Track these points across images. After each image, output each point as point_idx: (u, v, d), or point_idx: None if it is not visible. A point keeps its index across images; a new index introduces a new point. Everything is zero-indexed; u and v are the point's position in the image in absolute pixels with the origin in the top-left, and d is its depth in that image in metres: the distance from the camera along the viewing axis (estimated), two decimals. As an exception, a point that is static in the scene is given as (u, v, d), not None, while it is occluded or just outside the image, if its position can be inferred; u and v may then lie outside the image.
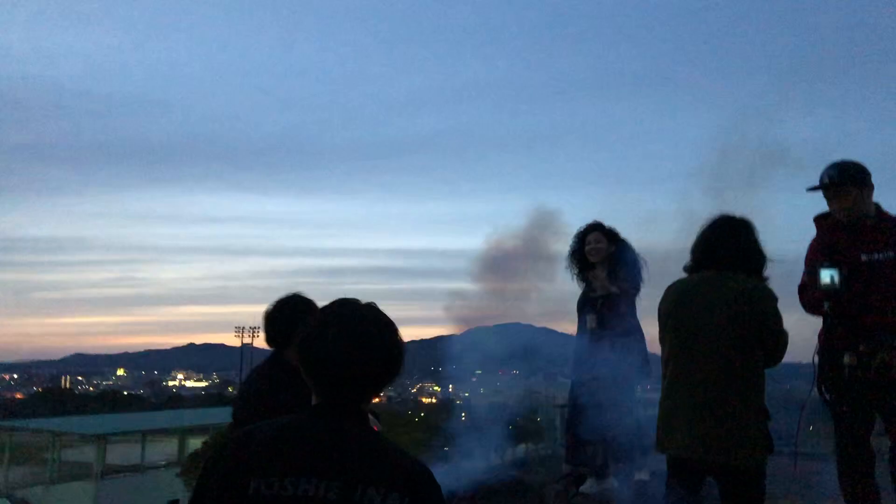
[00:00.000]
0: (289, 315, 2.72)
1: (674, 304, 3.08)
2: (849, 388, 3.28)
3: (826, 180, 3.40)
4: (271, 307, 2.81)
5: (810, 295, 3.42)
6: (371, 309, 1.51)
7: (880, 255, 3.31)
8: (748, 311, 2.85)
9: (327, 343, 1.43)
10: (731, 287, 2.92)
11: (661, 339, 3.12)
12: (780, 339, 2.92)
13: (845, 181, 3.36)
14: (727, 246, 3.01)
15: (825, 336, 3.35)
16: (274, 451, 1.37)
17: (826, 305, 3.29)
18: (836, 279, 3.21)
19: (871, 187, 3.40)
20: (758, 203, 3.28)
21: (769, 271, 3.08)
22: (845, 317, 3.32)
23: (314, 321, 1.47)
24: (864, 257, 3.33)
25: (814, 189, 3.47)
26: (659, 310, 3.16)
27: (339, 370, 1.42)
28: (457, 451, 4.76)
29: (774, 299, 2.95)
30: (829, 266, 3.25)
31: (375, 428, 1.71)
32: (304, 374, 1.47)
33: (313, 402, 1.49)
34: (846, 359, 3.23)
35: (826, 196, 3.46)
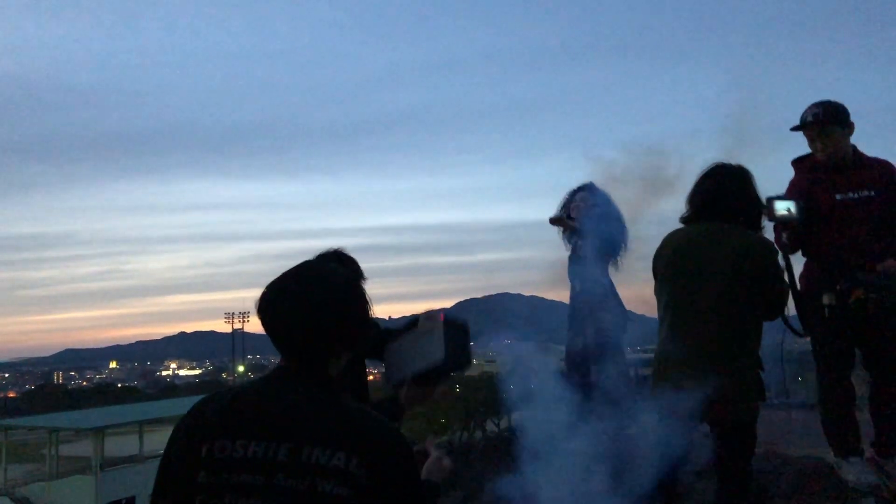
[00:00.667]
0: None
1: (673, 255, 3.01)
2: (829, 327, 3.32)
3: (810, 118, 3.39)
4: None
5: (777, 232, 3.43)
6: (322, 271, 1.51)
7: (856, 195, 3.35)
8: (750, 265, 2.82)
9: (272, 309, 1.45)
10: (732, 240, 2.88)
11: (658, 290, 3.05)
12: (780, 292, 2.93)
13: (830, 120, 3.36)
14: (727, 197, 2.94)
15: (786, 267, 3.32)
16: (227, 414, 1.40)
17: (784, 236, 3.33)
18: (793, 209, 3.23)
19: (851, 127, 3.41)
20: (752, 158, 3.22)
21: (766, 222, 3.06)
22: (820, 256, 3.38)
23: (266, 288, 1.49)
24: (839, 197, 3.36)
25: (797, 128, 3.46)
26: (655, 260, 3.08)
27: (284, 336, 1.45)
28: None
29: (775, 253, 2.95)
30: (784, 198, 3.27)
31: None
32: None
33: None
34: (825, 299, 3.27)
35: (808, 135, 3.46)
